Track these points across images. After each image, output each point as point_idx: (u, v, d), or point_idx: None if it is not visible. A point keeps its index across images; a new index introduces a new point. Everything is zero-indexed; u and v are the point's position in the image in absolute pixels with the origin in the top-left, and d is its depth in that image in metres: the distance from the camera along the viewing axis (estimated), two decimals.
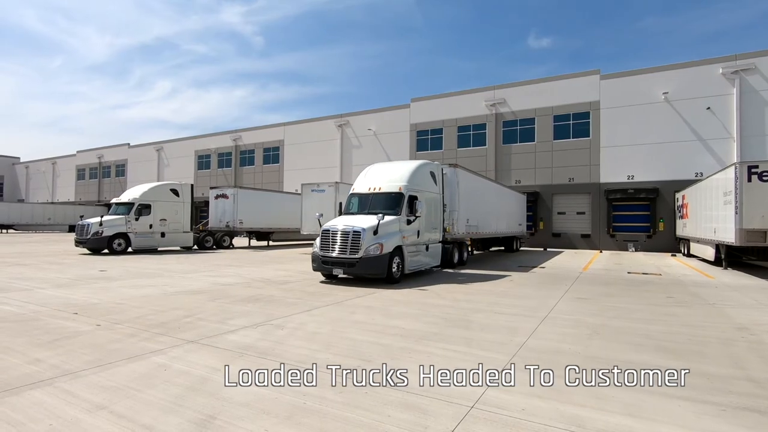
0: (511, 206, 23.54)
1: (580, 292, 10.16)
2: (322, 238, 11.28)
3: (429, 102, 34.21)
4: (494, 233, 19.80)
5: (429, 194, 13.01)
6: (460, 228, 14.90)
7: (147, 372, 4.41)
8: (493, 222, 19.39)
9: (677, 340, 5.91)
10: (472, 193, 16.26)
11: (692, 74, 25.54)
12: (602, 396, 3.94)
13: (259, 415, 3.47)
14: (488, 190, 19.19)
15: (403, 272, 11.52)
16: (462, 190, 14.99)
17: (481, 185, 17.98)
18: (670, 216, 25.64)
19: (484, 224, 17.77)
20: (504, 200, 21.81)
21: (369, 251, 10.67)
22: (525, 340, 5.80)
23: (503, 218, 21.26)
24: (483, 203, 17.78)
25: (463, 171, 15.58)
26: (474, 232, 16.61)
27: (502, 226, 20.99)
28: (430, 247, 13.20)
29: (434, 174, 13.62)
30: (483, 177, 19.14)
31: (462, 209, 14.96)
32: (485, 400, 3.82)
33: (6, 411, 3.49)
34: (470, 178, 16.53)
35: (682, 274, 14.17)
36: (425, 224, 12.61)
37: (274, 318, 6.97)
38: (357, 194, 12.66)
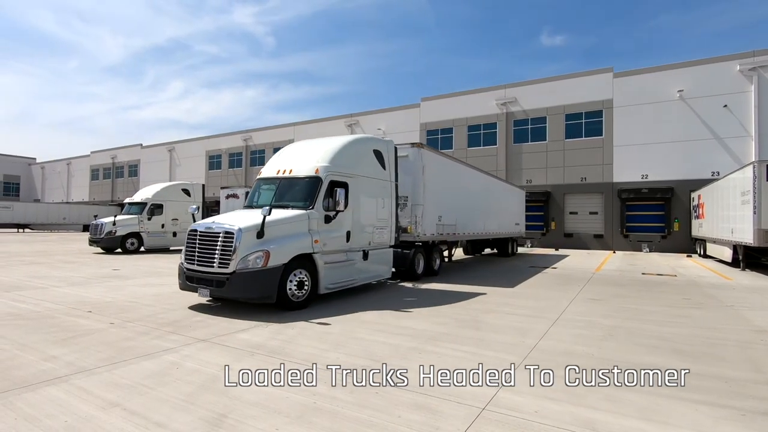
0: (505, 202, 20.60)
1: (593, 293, 10.02)
2: (187, 242, 7.71)
3: (439, 101, 34.10)
4: (481, 234, 16.82)
5: (370, 181, 9.53)
6: (428, 227, 11.92)
7: (159, 370, 4.44)
8: (480, 220, 16.48)
9: (693, 343, 5.79)
10: (446, 183, 13.26)
11: (708, 71, 25.05)
12: (616, 399, 3.87)
13: (271, 414, 3.48)
14: (472, 181, 16.01)
15: (316, 292, 7.95)
16: (430, 178, 11.94)
17: (460, 174, 14.81)
18: (685, 216, 25.21)
19: (465, 223, 14.83)
20: (495, 195, 18.89)
21: (246, 263, 7.02)
22: (537, 342, 5.74)
23: (494, 216, 18.32)
24: (464, 197, 14.88)
25: (431, 154, 12.37)
26: (450, 233, 13.63)
27: (492, 226, 18.06)
28: (372, 254, 9.56)
29: (381, 154, 10.05)
30: (464, 164, 15.89)
31: (430, 203, 11.91)
32: (497, 401, 3.78)
33: (22, 407, 3.54)
34: (443, 165, 13.35)
35: (698, 276, 13.91)
36: (363, 222, 9.24)
37: (279, 315, 7.04)
38: (263, 180, 9.20)
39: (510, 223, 20.98)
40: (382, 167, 10.06)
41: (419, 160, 11.56)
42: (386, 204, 10.12)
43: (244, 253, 7.08)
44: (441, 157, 13.50)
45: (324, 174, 8.42)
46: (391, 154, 10.47)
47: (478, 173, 17.02)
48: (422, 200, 11.53)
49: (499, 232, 19.04)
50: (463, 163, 16.15)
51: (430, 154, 12.30)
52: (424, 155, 11.73)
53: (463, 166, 15.60)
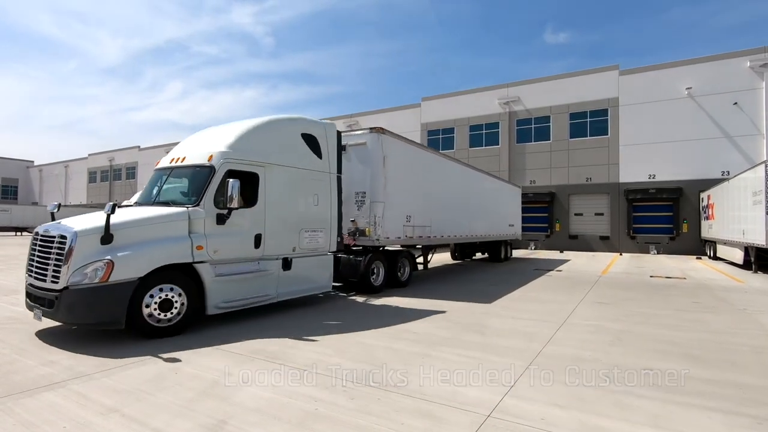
0: (497, 201, 18.61)
1: (600, 297, 9.88)
2: (30, 248, 6.22)
3: (440, 101, 33.92)
4: (466, 237, 14.98)
5: (297, 172, 7.78)
6: (392, 229, 10.07)
7: (158, 375, 4.38)
8: (464, 221, 14.63)
9: (705, 348, 5.66)
10: (417, 177, 11.53)
11: (718, 68, 24.69)
12: (626, 405, 3.76)
13: (271, 420, 3.41)
14: (453, 176, 14.00)
15: (203, 311, 6.30)
16: (395, 170, 10.17)
17: (437, 167, 12.86)
18: (694, 217, 24.87)
19: (444, 224, 13.03)
20: (484, 192, 16.94)
21: (83, 276, 5.40)
22: (543, 347, 5.62)
23: (482, 216, 16.45)
24: (442, 194, 13.02)
25: (396, 141, 10.50)
26: (424, 236, 11.78)
27: (481, 227, 16.20)
28: (298, 263, 7.73)
29: (316, 140, 8.28)
30: (442, 156, 13.82)
31: (395, 200, 10.12)
32: (502, 408, 3.68)
33: (21, 413, 3.50)
34: (413, 155, 11.45)
35: (708, 278, 13.70)
36: (284, 222, 7.50)
37: (284, 317, 6.95)
38: (158, 170, 7.63)
39: (502, 224, 19.18)
40: (317, 155, 8.27)
41: (379, 148, 9.72)
42: (322, 201, 8.34)
43: (79, 264, 5.40)
44: (409, 145, 11.42)
45: (219, 161, 6.67)
46: (331, 139, 8.68)
47: (461, 167, 15.17)
48: (383, 197, 9.71)
49: (489, 235, 17.18)
50: (440, 154, 13.92)
51: (393, 141, 10.38)
52: (385, 143, 9.88)
53: (440, 157, 13.48)
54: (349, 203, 9.68)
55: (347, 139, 9.84)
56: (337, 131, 8.91)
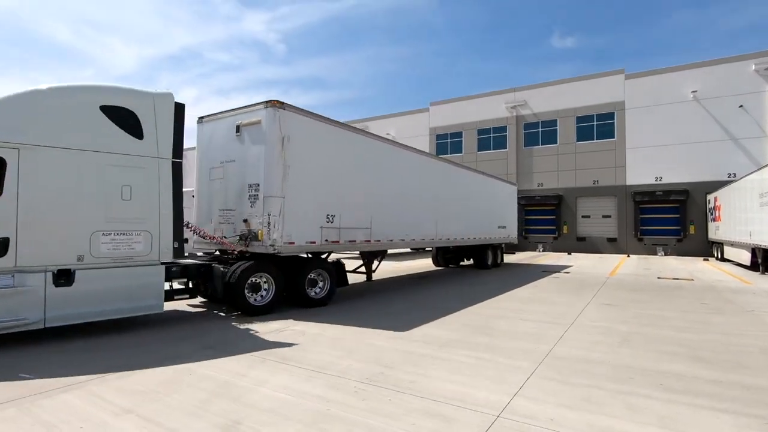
0: (481, 199, 16.31)
1: (607, 298, 9.86)
2: None
3: (448, 105, 34.09)
4: (431, 241, 12.84)
5: (87, 155, 6.05)
6: (300, 231, 8.07)
7: (172, 376, 4.46)
8: (427, 223, 12.45)
9: (714, 349, 5.65)
10: (344, 166, 9.31)
11: (723, 71, 24.66)
12: (635, 407, 3.78)
13: (283, 420, 3.46)
14: (407, 167, 11.60)
15: None
16: (302, 156, 8.16)
17: (379, 156, 10.49)
18: (701, 219, 24.76)
19: (394, 225, 10.80)
20: (462, 189, 14.71)
21: None
22: (551, 348, 5.65)
23: (457, 217, 14.15)
24: (391, 189, 10.78)
25: (305, 119, 8.41)
26: (360, 239, 9.58)
27: (454, 230, 13.96)
28: (90, 277, 5.98)
29: (132, 114, 6.54)
30: (387, 143, 11.29)
31: (305, 194, 8.21)
32: (512, 409, 3.72)
33: (39, 413, 3.58)
34: (335, 138, 9.13)
35: (715, 280, 13.62)
36: (67, 220, 5.88)
37: (290, 317, 7.01)
38: None
39: (489, 225, 17.01)
40: (134, 135, 6.47)
41: (276, 128, 7.75)
42: (140, 194, 6.46)
43: None
44: (330, 126, 9.04)
45: None
46: (164, 115, 6.82)
47: (425, 159, 12.93)
48: (281, 190, 7.74)
49: (469, 238, 15.11)
50: (385, 141, 11.36)
51: (300, 119, 8.25)
52: (286, 120, 7.89)
53: (385, 145, 11.08)
54: (242, 199, 8.01)
55: (240, 118, 8.22)
56: (177, 104, 7.00)
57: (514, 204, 20.48)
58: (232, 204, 8.19)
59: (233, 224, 8.08)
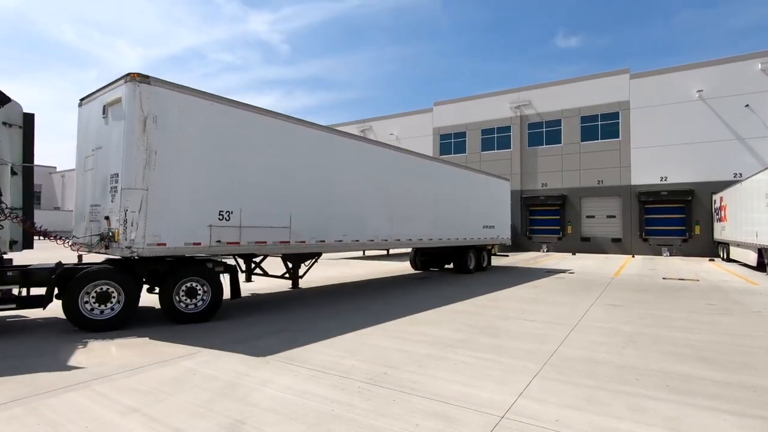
0: (459, 196, 14.76)
1: (612, 299, 9.82)
2: None
3: (452, 105, 34.06)
4: (386, 243, 11.33)
5: None
6: (178, 231, 6.75)
7: (177, 376, 4.48)
8: (377, 221, 10.96)
9: (720, 350, 5.62)
10: (245, 152, 7.84)
11: (729, 71, 24.50)
12: (640, 408, 3.77)
13: (287, 421, 3.47)
14: (344, 156, 10.10)
15: None
16: (176, 138, 6.80)
17: (292, 138, 8.77)
18: (707, 219, 24.60)
19: (325, 223, 9.39)
20: (430, 183, 13.29)
21: None
22: (556, 348, 5.64)
23: (423, 215, 12.80)
24: (320, 181, 9.34)
25: (179, 95, 6.89)
26: (273, 240, 8.19)
27: (419, 229, 12.62)
28: None
29: None
30: (305, 125, 9.24)
31: (177, 186, 6.78)
32: (516, 409, 3.71)
33: (45, 412, 3.61)
34: (224, 116, 7.53)
35: (721, 280, 13.54)
36: None
37: (297, 321, 7.03)
38: None
39: (471, 225, 15.44)
40: None
41: (137, 106, 6.40)
42: None
43: None
44: (217, 104, 7.45)
45: None
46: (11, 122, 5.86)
47: (368, 147, 11.20)
48: (143, 181, 6.37)
49: (441, 239, 13.63)
50: (310, 125, 9.37)
51: (173, 96, 6.79)
52: (149, 97, 6.49)
53: (306, 129, 9.17)
54: (106, 192, 6.74)
55: (106, 96, 6.93)
56: (26, 114, 6.33)
57: (506, 202, 18.74)
58: (98, 198, 6.95)
59: (100, 222, 6.81)
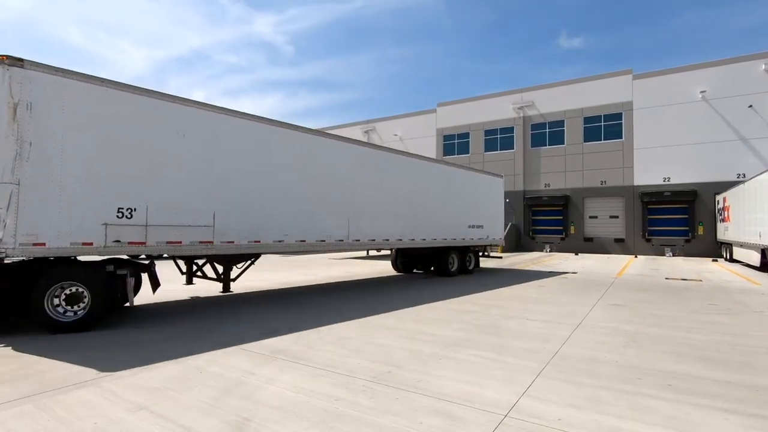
0: (437, 193, 13.75)
1: (615, 299, 9.83)
2: None
3: (455, 106, 34.11)
4: (341, 243, 10.39)
5: None
6: (55, 229, 6.17)
7: (184, 374, 4.54)
8: (330, 219, 10.15)
9: (722, 350, 5.64)
10: (148, 140, 7.20)
11: (732, 71, 24.44)
12: (642, 407, 3.79)
13: (292, 418, 3.52)
14: (282, 148, 9.21)
15: None
16: (58, 126, 6.25)
17: (213, 128, 8.04)
18: (710, 219, 24.55)
19: (264, 222, 8.73)
20: (391, 178, 12.09)
21: None
22: (559, 348, 5.66)
23: (385, 213, 11.75)
24: (249, 173, 8.52)
25: (58, 80, 6.26)
26: (190, 240, 7.55)
27: (382, 228, 11.65)
28: None
29: None
30: (229, 113, 8.38)
31: (59, 180, 6.24)
32: (519, 408, 3.75)
33: (55, 409, 3.66)
34: (120, 103, 6.87)
35: (724, 280, 13.52)
36: None
37: (304, 320, 7.10)
38: None
39: (451, 225, 14.31)
40: None
41: (5, 92, 5.85)
42: None
43: None
44: (108, 90, 6.75)
45: None
46: None
47: (316, 139, 10.05)
48: (12, 174, 5.86)
49: (413, 239, 12.71)
50: (235, 114, 8.50)
51: (52, 80, 6.20)
52: (20, 82, 5.93)
53: (229, 118, 8.35)
54: None
55: None
56: None
57: (499, 200, 17.41)
58: None
59: None
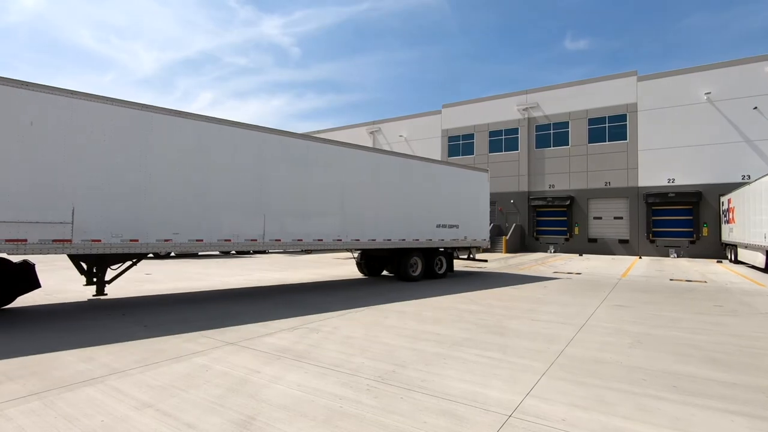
0: (381, 187, 12.13)
1: (619, 300, 9.80)
2: None
3: (460, 107, 34.13)
4: (251, 243, 9.31)
5: None
6: None
7: (190, 372, 4.56)
8: (246, 218, 9.29)
9: (727, 351, 5.61)
10: None
11: (737, 73, 24.34)
12: (647, 408, 3.78)
13: (297, 417, 3.53)
14: (166, 134, 8.52)
15: None
16: None
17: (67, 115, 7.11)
18: (714, 221, 24.45)
19: (144, 218, 7.92)
20: (326, 171, 10.83)
21: None
22: (563, 348, 5.65)
23: (316, 210, 10.51)
24: (118, 165, 7.65)
25: None
26: (54, 239, 6.88)
27: (325, 227, 10.69)
28: None
29: None
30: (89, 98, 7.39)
31: None
32: (524, 408, 3.74)
33: (62, 406, 3.69)
34: None
35: (729, 282, 13.45)
36: None
37: (310, 321, 7.11)
38: None
39: (414, 224, 12.83)
40: None
41: None
42: None
43: None
44: None
45: None
46: None
47: (208, 127, 9.08)
48: None
49: (363, 240, 11.52)
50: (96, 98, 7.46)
51: None
52: None
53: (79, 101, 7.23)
54: None
55: None
56: None
57: (481, 197, 15.56)
58: None
59: None
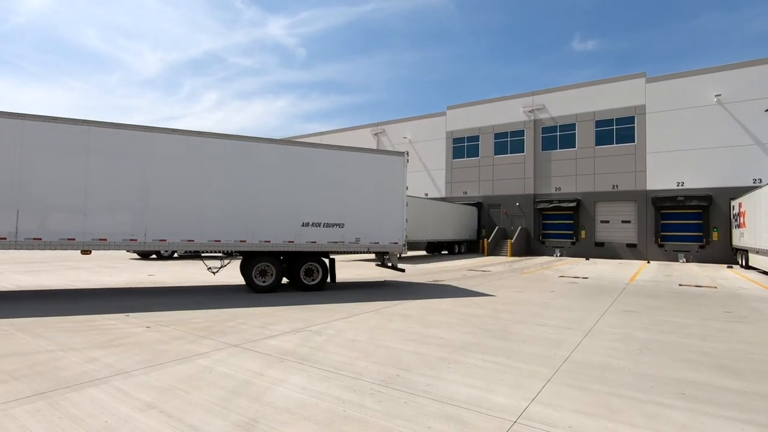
0: (213, 178, 10.22)
1: (627, 305, 9.69)
2: None
3: (465, 109, 34.02)
4: (73, 241, 8.92)
5: None
6: None
7: (193, 374, 4.56)
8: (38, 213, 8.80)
9: (738, 358, 5.52)
10: None
11: (748, 75, 24.04)
12: (655, 415, 3.72)
13: (300, 420, 3.51)
14: None
15: None
16: None
17: None
18: (725, 225, 24.12)
19: None
20: (122, 161, 9.47)
21: None
22: (569, 354, 5.59)
23: (117, 208, 9.46)
24: None
25: None
26: None
27: (120, 226, 9.48)
28: None
29: None
30: None
31: None
32: (529, 414, 3.70)
33: (66, 407, 3.70)
34: None
35: (740, 287, 13.25)
36: None
37: (313, 324, 7.09)
38: None
39: (263, 222, 10.58)
40: None
41: None
42: None
43: None
44: None
45: None
46: None
47: None
48: None
49: (175, 242, 9.80)
50: None
51: None
52: None
53: None
54: None
55: None
56: None
57: (392, 188, 12.13)
58: None
59: None
